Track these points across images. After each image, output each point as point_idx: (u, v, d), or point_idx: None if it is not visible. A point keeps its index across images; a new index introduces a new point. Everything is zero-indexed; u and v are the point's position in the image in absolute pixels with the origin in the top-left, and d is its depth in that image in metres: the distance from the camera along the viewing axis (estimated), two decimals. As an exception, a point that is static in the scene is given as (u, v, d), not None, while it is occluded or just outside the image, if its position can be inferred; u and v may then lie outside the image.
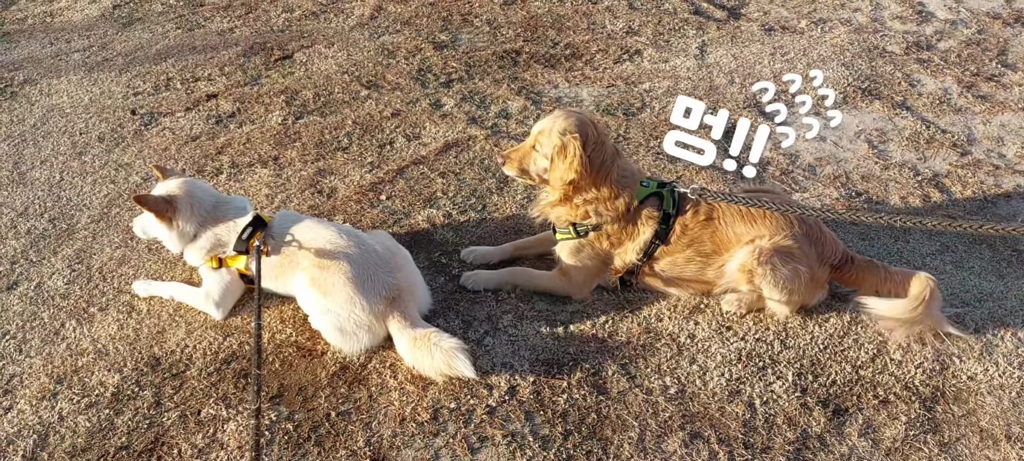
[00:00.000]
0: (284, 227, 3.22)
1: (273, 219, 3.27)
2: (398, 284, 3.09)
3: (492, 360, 3.11)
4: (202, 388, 3.05)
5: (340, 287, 3.01)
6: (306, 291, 3.09)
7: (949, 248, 3.60)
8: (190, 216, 3.22)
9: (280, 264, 3.17)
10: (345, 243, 3.11)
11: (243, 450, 2.80)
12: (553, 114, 3.25)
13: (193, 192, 3.27)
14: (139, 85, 5.33)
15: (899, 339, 3.09)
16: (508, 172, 3.33)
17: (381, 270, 3.09)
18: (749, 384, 2.98)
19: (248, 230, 3.18)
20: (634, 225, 3.24)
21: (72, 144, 4.69)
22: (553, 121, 3.19)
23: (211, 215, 3.25)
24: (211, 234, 3.24)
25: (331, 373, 3.08)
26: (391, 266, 3.12)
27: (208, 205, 3.26)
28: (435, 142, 4.51)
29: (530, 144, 3.26)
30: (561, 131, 3.13)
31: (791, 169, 4.21)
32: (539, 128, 3.23)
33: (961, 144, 4.37)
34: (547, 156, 3.18)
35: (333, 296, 3.02)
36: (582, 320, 3.28)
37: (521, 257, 3.63)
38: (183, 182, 3.30)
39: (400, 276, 3.13)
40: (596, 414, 2.89)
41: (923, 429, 2.79)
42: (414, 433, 2.84)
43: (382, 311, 3.04)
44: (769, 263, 3.07)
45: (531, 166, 3.26)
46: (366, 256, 3.09)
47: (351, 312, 3.01)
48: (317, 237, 3.14)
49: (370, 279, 3.04)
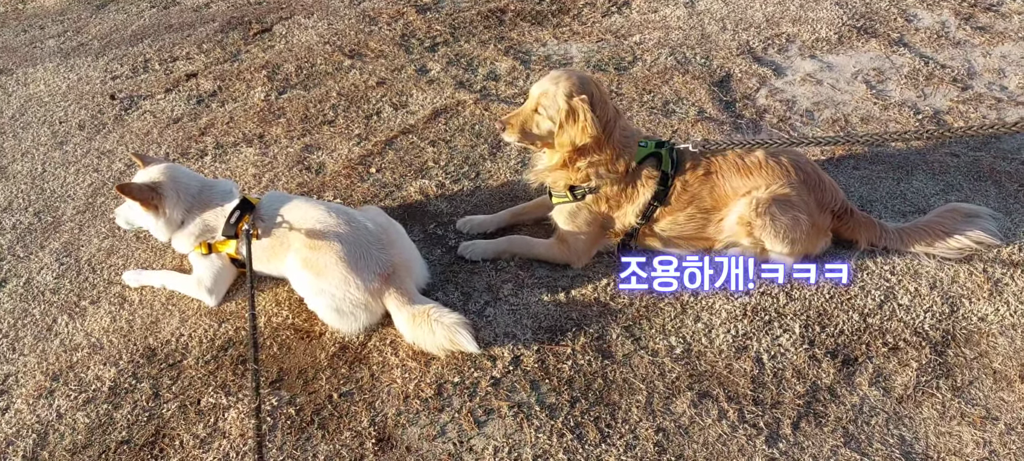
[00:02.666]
0: (273, 208, 3.13)
1: (261, 201, 3.18)
2: (392, 260, 3.02)
3: (494, 331, 3.05)
4: (200, 377, 2.99)
5: (333, 267, 2.94)
6: (299, 273, 3.02)
7: (954, 187, 3.53)
8: (177, 203, 3.13)
9: (271, 247, 3.09)
10: (335, 221, 3.02)
11: (245, 438, 2.75)
12: (552, 75, 3.13)
13: (177, 178, 3.18)
14: (116, 69, 5.19)
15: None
16: (508, 138, 3.21)
17: (374, 247, 3.01)
18: (756, 339, 2.93)
19: (236, 214, 3.10)
20: (633, 187, 3.16)
21: (52, 134, 4.57)
22: (555, 83, 3.07)
23: (198, 200, 3.17)
24: (199, 220, 3.16)
25: (331, 354, 3.02)
26: (384, 242, 3.04)
27: (194, 190, 3.18)
28: (423, 110, 4.40)
29: (532, 107, 3.13)
30: (566, 93, 3.01)
31: (788, 115, 4.12)
32: (540, 90, 3.11)
33: (961, 79, 4.27)
34: (553, 119, 3.06)
35: (327, 277, 2.95)
36: (583, 284, 3.22)
37: (519, 224, 3.55)
38: (166, 168, 3.20)
39: (394, 252, 3.05)
40: (602, 379, 2.84)
41: (935, 374, 2.75)
42: (419, 410, 2.79)
43: (378, 289, 2.98)
44: (768, 213, 3.01)
45: (534, 129, 3.14)
46: (358, 233, 3.01)
47: (346, 292, 2.95)
48: (307, 217, 3.05)
49: (363, 257, 2.97)
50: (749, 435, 2.61)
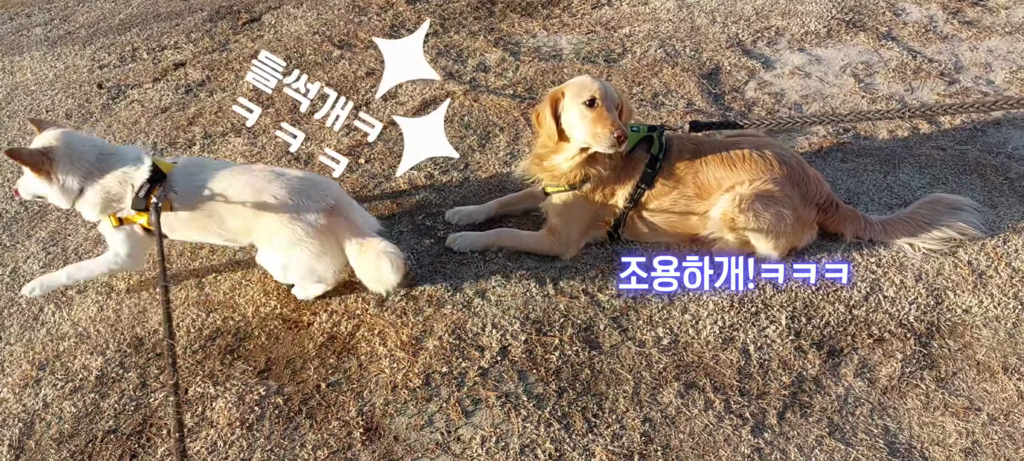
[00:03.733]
0: (188, 178, 3.02)
1: (174, 169, 3.04)
2: (332, 195, 3.04)
3: (482, 322, 3.05)
4: (188, 366, 2.99)
5: (280, 225, 2.94)
6: (248, 241, 3.04)
7: (940, 180, 3.56)
8: (70, 168, 2.96)
9: (198, 219, 3.02)
10: (265, 180, 2.99)
11: (234, 427, 2.75)
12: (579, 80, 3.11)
13: (71, 143, 3.00)
14: (104, 57, 5.15)
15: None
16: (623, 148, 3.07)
17: (309, 189, 3.01)
18: (742, 330, 2.95)
19: (146, 187, 2.95)
20: (625, 171, 3.17)
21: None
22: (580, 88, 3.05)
23: (96, 167, 2.99)
24: (99, 187, 2.99)
25: (319, 344, 3.02)
26: (317, 184, 3.07)
27: (91, 156, 2.99)
28: (412, 101, 4.39)
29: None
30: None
31: (776, 108, 4.14)
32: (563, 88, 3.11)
33: (948, 73, 4.30)
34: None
35: (277, 239, 2.95)
36: (571, 276, 3.23)
37: (507, 215, 3.56)
38: (60, 133, 3.02)
39: (330, 190, 3.07)
40: (590, 369, 2.85)
41: (919, 365, 2.78)
42: (407, 399, 2.80)
43: (326, 225, 2.98)
44: (751, 209, 3.02)
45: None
46: (290, 183, 3.00)
47: (299, 243, 2.95)
48: (235, 184, 2.99)
49: (301, 204, 2.96)
50: (735, 425, 2.63)
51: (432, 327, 3.05)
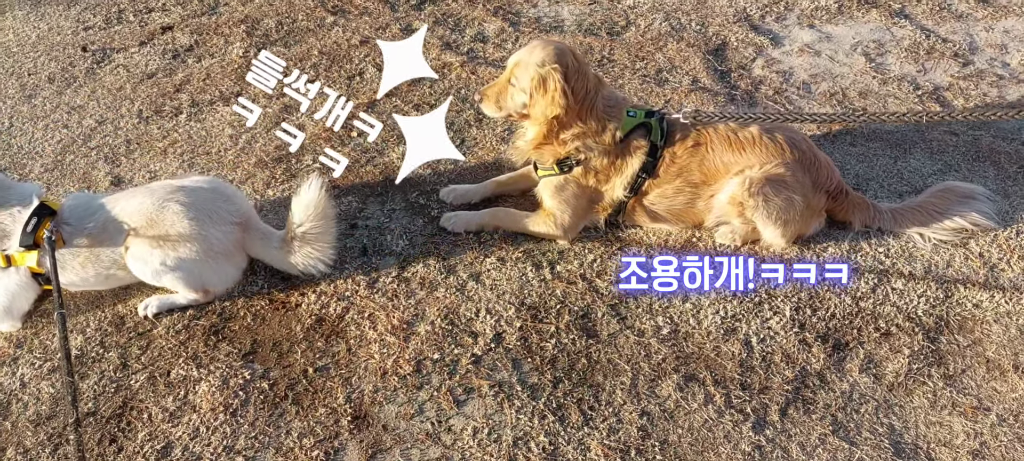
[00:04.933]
0: (78, 212, 2.90)
1: (63, 205, 2.92)
2: (240, 208, 3.01)
3: (476, 306, 2.95)
4: (170, 347, 2.88)
5: (190, 241, 2.86)
6: (150, 259, 2.86)
7: (952, 167, 3.44)
8: None
9: (92, 252, 2.89)
10: (170, 195, 2.89)
11: (217, 412, 2.66)
12: (529, 45, 3.01)
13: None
14: (89, 19, 4.98)
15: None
16: (486, 110, 3.10)
17: (218, 201, 2.95)
18: (745, 321, 2.85)
19: (33, 221, 2.81)
20: (621, 158, 3.04)
21: (20, 86, 4.38)
22: (530, 53, 2.96)
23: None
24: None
25: (307, 327, 2.92)
26: (224, 194, 3.01)
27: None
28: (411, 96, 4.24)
29: (506, 78, 3.02)
30: (539, 63, 2.90)
31: (784, 88, 4.00)
32: (515, 60, 3.00)
33: (962, 54, 4.16)
34: (525, 90, 2.96)
35: (182, 249, 2.86)
36: (569, 261, 3.12)
37: (504, 194, 3.44)
38: None
39: (239, 200, 3.04)
40: (586, 359, 2.76)
41: (927, 362, 2.69)
42: (397, 387, 2.70)
43: (239, 239, 2.98)
44: (761, 194, 2.91)
45: (508, 102, 3.03)
46: (197, 196, 2.92)
47: (209, 257, 2.90)
48: (135, 206, 2.89)
49: (210, 216, 2.90)
50: (735, 421, 2.54)
51: (424, 311, 2.95)
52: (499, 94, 3.02)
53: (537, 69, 2.88)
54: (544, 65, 2.88)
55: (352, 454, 2.53)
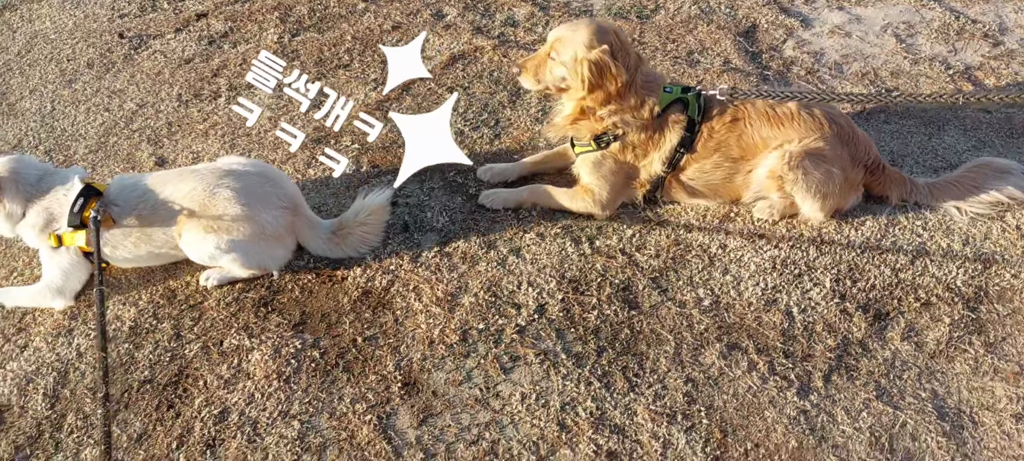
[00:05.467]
0: (124, 192, 2.98)
1: (109, 186, 3.01)
2: (288, 193, 3.07)
3: (518, 279, 3.01)
4: (222, 318, 2.96)
5: (243, 222, 2.92)
6: (203, 241, 2.93)
7: (986, 143, 3.47)
8: (15, 194, 2.94)
9: (143, 232, 2.98)
10: (218, 178, 2.95)
11: (270, 379, 2.72)
12: (572, 22, 3.06)
13: (18, 169, 2.98)
14: (124, 7, 5.06)
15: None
16: (524, 82, 3.15)
17: (267, 185, 3.02)
18: (785, 292, 2.89)
19: (79, 201, 2.91)
20: (659, 133, 3.09)
21: (60, 72, 4.46)
22: (573, 30, 3.00)
23: (37, 188, 2.97)
24: (39, 207, 2.96)
25: (354, 299, 2.98)
26: (272, 178, 3.07)
27: (32, 179, 2.98)
28: (440, 55, 4.30)
29: (546, 52, 3.07)
30: (586, 43, 2.94)
31: (816, 68, 4.03)
32: (556, 35, 3.04)
33: (993, 34, 4.17)
34: (565, 64, 3.01)
35: (236, 232, 2.92)
36: (608, 235, 3.17)
37: (540, 173, 3.49)
38: (9, 160, 3.00)
39: (285, 185, 3.10)
40: (629, 329, 2.81)
41: (968, 330, 2.72)
42: (444, 355, 2.76)
43: (289, 223, 3.04)
44: (801, 167, 2.95)
45: (547, 75, 3.08)
46: (247, 180, 2.99)
47: (262, 240, 2.97)
48: (187, 191, 2.95)
49: (261, 201, 2.97)
50: (780, 387, 2.59)
51: (467, 284, 3.01)
52: (538, 67, 3.07)
53: (585, 48, 2.92)
54: (592, 45, 2.92)
55: (404, 418, 2.59)
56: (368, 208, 3.12)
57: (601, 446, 2.47)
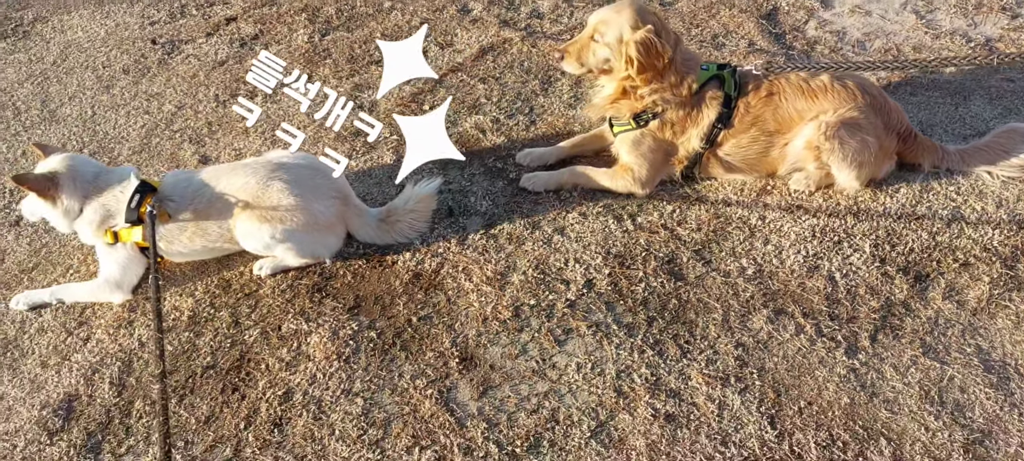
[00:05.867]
0: (179, 187, 3.07)
1: (163, 182, 3.10)
2: (337, 184, 3.17)
3: (564, 257, 3.09)
4: (278, 305, 3.04)
5: (297, 211, 3.01)
6: (258, 231, 3.01)
7: (1012, 111, 3.55)
8: (73, 191, 3.01)
9: (199, 226, 3.06)
10: (268, 172, 3.04)
11: (330, 360, 2.81)
12: (613, 5, 3.14)
13: (75, 166, 3.06)
14: (153, 14, 5.16)
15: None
16: (567, 67, 3.23)
17: (318, 176, 3.12)
18: (826, 259, 2.97)
19: (136, 197, 2.99)
20: (697, 110, 3.17)
21: (98, 78, 4.56)
22: (616, 12, 3.09)
23: (93, 185, 3.05)
24: (96, 204, 3.04)
25: (405, 281, 3.07)
26: (320, 170, 3.17)
27: (89, 176, 3.06)
28: (470, 48, 4.39)
29: (589, 35, 3.16)
30: (632, 24, 3.02)
31: (839, 46, 4.11)
32: (600, 17, 3.13)
33: (1011, 7, 4.25)
34: (609, 46, 3.09)
35: (290, 222, 3.00)
36: (649, 212, 3.25)
37: (578, 155, 3.57)
38: (65, 158, 3.08)
39: (335, 177, 3.19)
40: (677, 299, 2.89)
41: (1007, 287, 2.80)
42: (498, 330, 2.84)
43: (340, 212, 3.14)
44: (837, 137, 3.03)
45: (590, 58, 3.17)
46: (298, 172, 3.08)
47: (315, 230, 3.06)
48: (241, 184, 3.03)
49: (313, 191, 3.06)
50: (828, 348, 2.67)
51: (515, 263, 3.09)
52: (581, 51, 3.15)
53: (631, 30, 3.00)
54: (637, 26, 3.00)
55: (464, 391, 2.67)
56: (417, 196, 3.22)
57: (658, 409, 2.55)
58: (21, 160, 4.01)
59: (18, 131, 4.22)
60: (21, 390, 2.89)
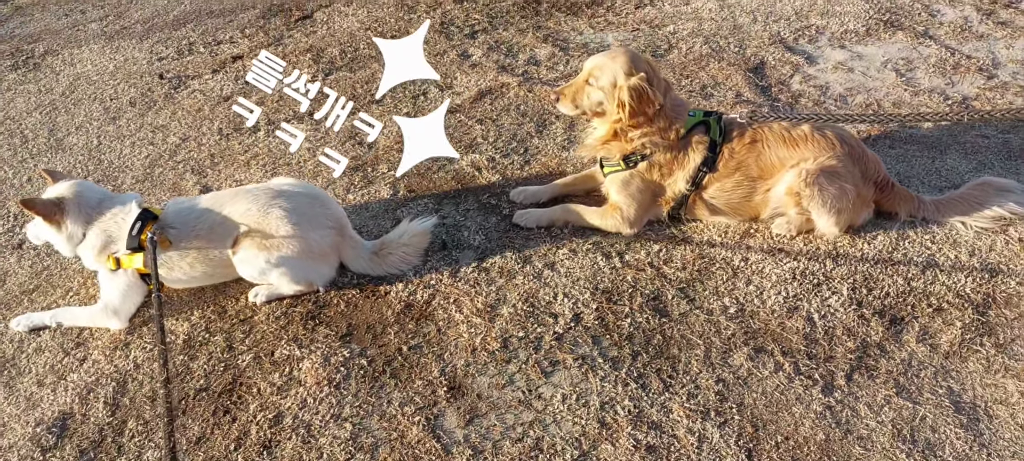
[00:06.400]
0: (181, 215, 3.15)
1: (165, 210, 3.18)
2: (335, 214, 3.26)
3: (553, 291, 3.18)
4: (272, 331, 3.12)
5: (292, 241, 3.10)
6: (255, 258, 3.10)
7: (986, 165, 3.69)
8: (77, 216, 3.11)
9: (200, 252, 3.15)
10: (270, 198, 3.14)
11: (321, 385, 2.88)
12: (608, 52, 3.30)
13: (81, 193, 3.16)
14: (161, 51, 5.32)
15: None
16: (562, 108, 3.38)
17: (315, 205, 3.22)
18: (806, 300, 3.07)
19: (137, 225, 3.08)
20: (684, 153, 3.30)
21: (104, 110, 4.70)
22: (611, 58, 3.24)
23: (97, 211, 3.14)
24: (98, 229, 3.12)
25: (397, 311, 3.15)
26: (320, 199, 3.28)
27: (93, 202, 3.15)
28: (468, 91, 4.55)
29: (583, 79, 3.31)
30: (625, 71, 3.18)
31: (822, 100, 4.28)
32: (594, 63, 3.29)
33: (987, 68, 4.44)
34: (603, 90, 3.24)
35: (286, 249, 3.09)
36: (636, 250, 3.36)
37: (569, 194, 3.69)
38: (73, 184, 3.19)
39: (331, 206, 3.29)
40: (661, 335, 2.98)
41: (978, 332, 2.89)
42: (487, 361, 2.92)
43: (336, 242, 3.23)
44: (816, 184, 3.15)
45: (584, 101, 3.31)
46: (297, 201, 3.17)
47: (309, 258, 3.15)
48: (243, 210, 3.13)
49: (310, 221, 3.16)
50: (805, 386, 2.75)
51: (505, 296, 3.18)
52: (576, 94, 3.30)
53: (624, 75, 3.16)
54: (631, 73, 3.16)
55: (451, 419, 2.74)
56: (412, 232, 3.33)
57: (640, 440, 2.61)
58: (27, 186, 4.12)
59: (25, 158, 4.33)
60: (16, 407, 2.95)
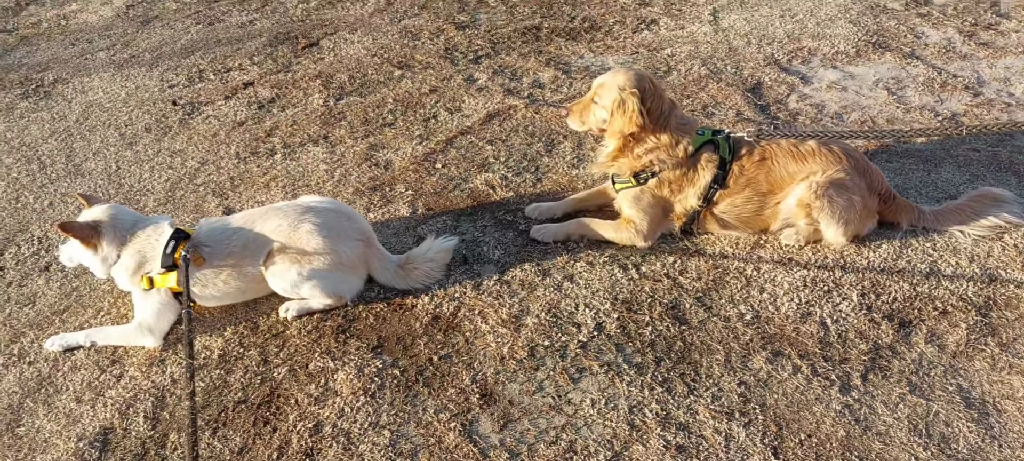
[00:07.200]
0: (213, 234, 3.23)
1: (198, 229, 3.27)
2: (362, 227, 3.37)
3: (574, 302, 3.31)
4: (305, 344, 3.21)
5: (323, 254, 3.21)
6: (288, 271, 3.20)
7: (979, 177, 3.88)
8: (112, 239, 3.20)
9: (234, 268, 3.24)
10: (300, 214, 3.25)
11: (357, 395, 2.97)
12: (613, 70, 3.47)
13: (116, 215, 3.25)
14: (172, 78, 5.42)
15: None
16: (571, 124, 3.54)
17: (343, 219, 3.33)
18: (818, 306, 3.22)
19: (171, 244, 3.17)
20: (694, 170, 3.46)
21: (120, 136, 4.78)
22: (613, 77, 3.42)
23: (131, 232, 3.23)
24: (132, 250, 3.21)
25: (425, 323, 3.26)
26: (347, 213, 3.39)
27: (128, 224, 3.24)
28: (477, 113, 4.69)
29: (590, 97, 3.48)
30: (620, 86, 3.35)
31: (819, 117, 4.47)
32: (599, 82, 3.46)
33: (973, 86, 4.67)
34: (606, 108, 3.41)
35: (316, 262, 3.20)
36: (652, 262, 3.50)
37: (583, 210, 3.83)
38: (108, 207, 3.27)
39: (359, 221, 3.40)
40: (682, 341, 3.11)
41: (982, 333, 3.06)
42: (516, 369, 3.03)
43: (362, 254, 3.33)
44: (826, 196, 3.32)
45: (590, 118, 3.49)
46: (326, 216, 3.28)
47: (339, 269, 3.26)
48: (274, 227, 3.23)
49: (340, 232, 3.27)
50: (824, 386, 2.89)
51: (528, 307, 3.30)
52: (583, 111, 3.48)
53: (618, 91, 3.33)
54: (624, 88, 3.33)
55: (486, 424, 2.84)
56: (437, 248, 3.45)
57: (669, 441, 2.73)
58: (49, 210, 4.18)
59: (44, 183, 4.40)
60: (57, 424, 3.00)
